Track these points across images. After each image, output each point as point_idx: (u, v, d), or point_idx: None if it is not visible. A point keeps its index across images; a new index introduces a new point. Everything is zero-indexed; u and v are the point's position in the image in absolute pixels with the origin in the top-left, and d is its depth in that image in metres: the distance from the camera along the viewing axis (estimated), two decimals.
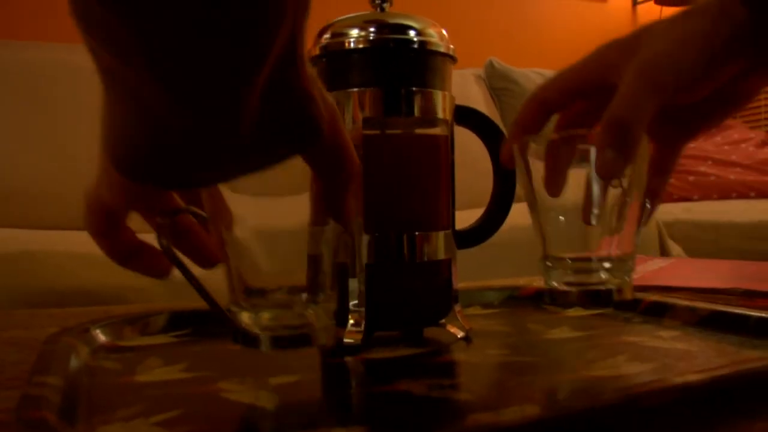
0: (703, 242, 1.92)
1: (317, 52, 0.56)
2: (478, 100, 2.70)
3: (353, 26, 0.55)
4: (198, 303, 0.46)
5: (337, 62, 0.55)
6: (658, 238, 1.78)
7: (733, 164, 2.46)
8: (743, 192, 2.36)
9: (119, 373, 0.47)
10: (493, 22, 3.18)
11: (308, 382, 0.46)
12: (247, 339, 0.41)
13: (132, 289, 1.18)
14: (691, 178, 2.41)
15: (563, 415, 0.32)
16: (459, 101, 0.58)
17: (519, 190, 0.55)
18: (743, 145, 2.56)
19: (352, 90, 0.54)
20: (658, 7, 3.51)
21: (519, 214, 0.58)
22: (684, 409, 0.37)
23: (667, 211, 2.03)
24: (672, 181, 1.86)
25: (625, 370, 0.45)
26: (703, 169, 2.44)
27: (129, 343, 0.57)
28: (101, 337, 0.56)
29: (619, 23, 3.59)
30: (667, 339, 0.54)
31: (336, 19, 0.56)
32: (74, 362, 0.48)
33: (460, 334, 0.56)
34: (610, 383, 0.42)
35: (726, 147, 2.56)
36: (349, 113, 0.54)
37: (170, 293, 1.19)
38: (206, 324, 0.62)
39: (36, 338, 0.62)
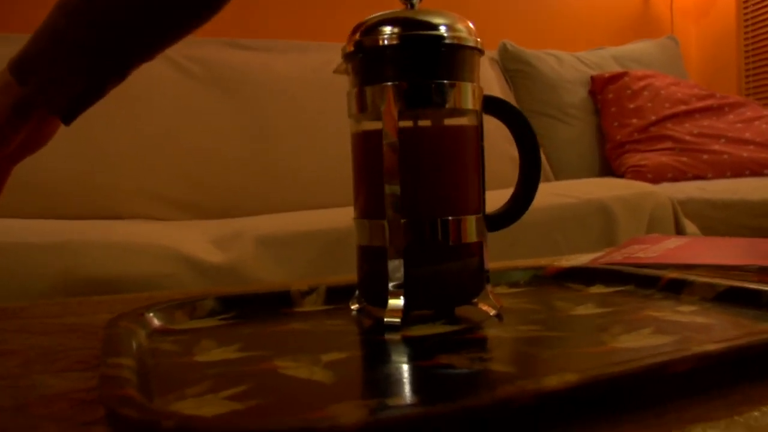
0: (717, 220, 1.95)
1: (352, 48, 0.59)
2: (492, 82, 2.72)
3: (386, 23, 0.58)
4: (231, 286, 0.49)
5: (372, 58, 0.59)
6: (673, 216, 1.80)
7: (747, 142, 2.48)
8: (756, 170, 2.38)
9: (179, 354, 0.51)
10: (506, 5, 3.19)
11: (357, 358, 0.50)
12: None
13: (163, 275, 1.22)
14: (705, 156, 2.43)
15: (599, 381, 0.36)
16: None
17: None
18: (756, 123, 2.58)
19: (386, 84, 0.57)
20: None
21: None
22: (704, 376, 0.40)
23: (681, 190, 2.06)
24: (685, 159, 1.89)
25: (649, 342, 0.48)
26: (716, 147, 2.46)
27: (181, 326, 0.60)
28: (155, 321, 0.60)
29: (631, 2, 3.60)
30: (686, 314, 0.58)
31: (369, 17, 0.60)
32: (137, 344, 0.51)
33: (492, 312, 0.60)
34: (636, 353, 0.45)
35: (739, 125, 2.58)
36: (385, 106, 0.57)
37: (201, 279, 1.24)
38: (249, 307, 0.66)
39: (90, 324, 0.66)
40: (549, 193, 1.72)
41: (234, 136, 2.12)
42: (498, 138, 2.33)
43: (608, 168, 2.67)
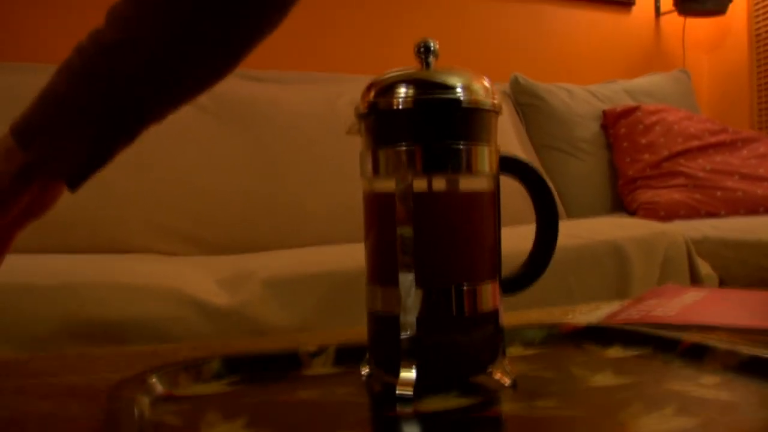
0: (731, 260, 1.92)
1: (365, 109, 0.58)
2: (504, 116, 2.71)
3: (400, 84, 0.56)
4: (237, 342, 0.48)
5: (386, 120, 0.57)
6: (687, 256, 1.78)
7: (761, 178, 2.46)
8: None
9: (183, 430, 0.49)
10: (517, 38, 3.19)
11: None
12: None
13: (168, 318, 1.20)
14: (718, 193, 2.41)
15: None
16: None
17: None
18: None
19: (400, 147, 0.56)
20: (681, 18, 3.51)
21: None
22: None
23: (695, 228, 2.03)
24: (698, 196, 1.87)
25: (672, 425, 0.46)
26: (730, 183, 2.44)
27: (185, 392, 0.59)
28: (158, 387, 0.58)
29: (643, 35, 3.60)
30: (710, 387, 0.55)
31: (383, 76, 0.58)
32: (139, 418, 0.49)
33: (507, 382, 0.58)
34: None
35: (753, 160, 2.56)
36: (399, 169, 0.55)
37: (206, 322, 1.22)
38: (257, 370, 0.64)
39: (92, 385, 0.64)
40: (561, 234, 1.69)
41: (242, 170, 2.10)
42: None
43: (620, 204, 2.65)
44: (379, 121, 0.57)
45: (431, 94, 0.56)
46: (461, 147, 0.56)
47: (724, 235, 1.98)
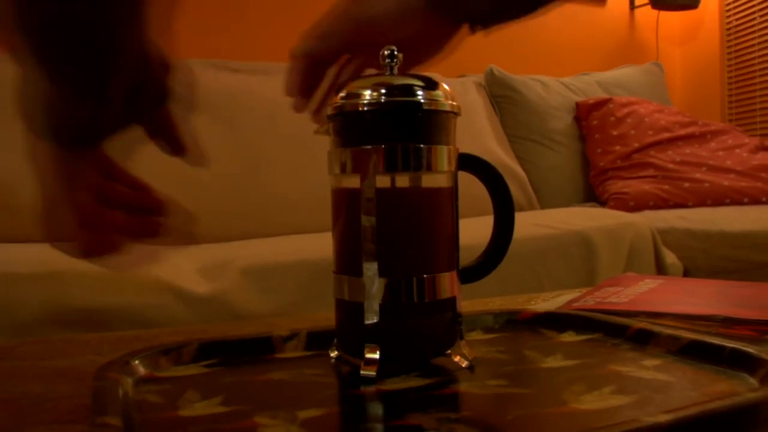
0: (697, 251, 1.98)
1: (333, 111, 0.62)
2: (479, 107, 2.76)
3: (366, 88, 0.61)
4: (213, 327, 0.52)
5: (352, 122, 0.61)
6: (653, 246, 1.84)
7: (728, 170, 2.52)
8: (737, 198, 2.42)
9: (163, 408, 0.54)
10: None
11: (332, 416, 0.52)
12: None
13: (149, 306, 1.24)
14: (686, 184, 2.47)
15: None
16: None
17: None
18: (737, 151, 2.62)
19: (365, 147, 0.60)
20: (655, 12, 3.57)
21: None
22: None
23: (662, 219, 2.09)
24: (667, 187, 1.92)
25: (609, 403, 0.51)
26: (698, 175, 2.50)
27: (165, 374, 0.63)
28: (141, 369, 0.62)
29: (617, 28, 3.65)
30: (650, 369, 0.60)
31: (351, 81, 0.63)
32: (123, 399, 0.54)
33: (464, 364, 0.62)
34: (591, 418, 0.48)
35: (721, 152, 2.62)
36: (363, 168, 0.60)
37: (187, 310, 1.26)
38: (233, 354, 0.68)
39: (78, 368, 0.69)
40: (531, 224, 1.75)
41: (222, 161, 2.14)
42: None
43: (592, 194, 2.70)
44: (346, 122, 0.62)
45: (393, 98, 0.60)
46: (421, 147, 0.60)
47: (690, 226, 2.04)
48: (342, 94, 0.62)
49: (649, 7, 3.52)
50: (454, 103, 0.63)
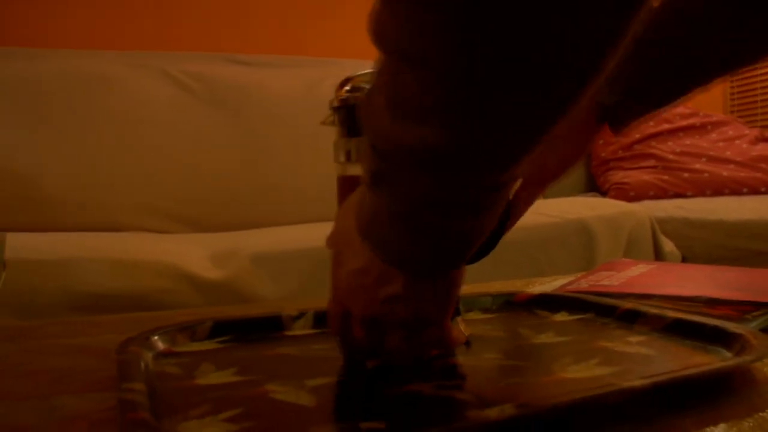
0: (695, 240, 2.02)
1: (338, 103, 0.66)
2: None
3: (369, 82, 0.65)
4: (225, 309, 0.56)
5: (356, 113, 0.65)
6: (651, 235, 1.88)
7: (727, 161, 2.56)
8: (736, 189, 2.46)
9: (181, 378, 0.58)
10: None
11: (338, 384, 0.57)
12: None
13: (162, 291, 1.29)
14: (686, 174, 2.51)
15: (533, 413, 0.43)
16: None
17: None
18: (737, 142, 2.66)
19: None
20: None
21: None
22: (633, 407, 0.47)
23: (661, 208, 2.13)
24: (667, 177, 1.95)
25: (593, 373, 0.56)
26: (698, 166, 2.54)
27: (182, 348, 0.68)
28: (159, 344, 0.67)
29: None
30: (634, 344, 0.65)
31: (356, 73, 0.67)
32: (145, 370, 0.58)
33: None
34: (578, 385, 0.53)
35: (721, 143, 2.66)
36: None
37: (198, 294, 1.30)
38: (245, 331, 0.73)
39: (100, 345, 0.73)
40: (531, 212, 1.77)
41: (230, 151, 2.18)
42: None
43: (594, 184, 2.74)
44: (351, 114, 0.66)
45: None
46: None
47: (688, 215, 2.08)
48: (347, 88, 0.66)
49: None
50: None
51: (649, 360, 0.60)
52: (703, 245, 2.01)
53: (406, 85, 0.42)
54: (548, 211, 1.81)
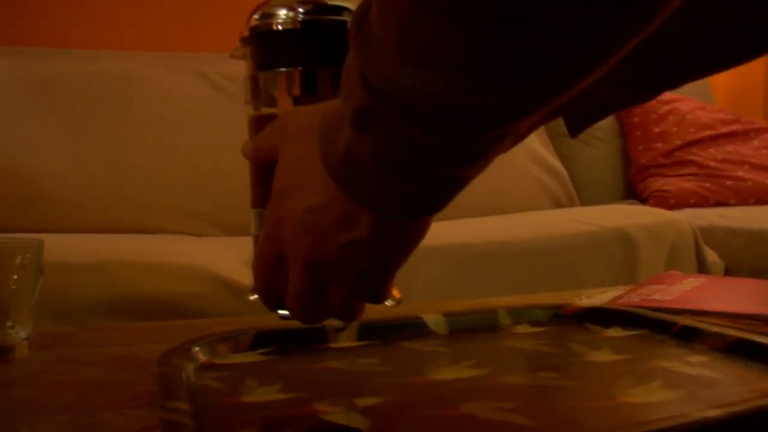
0: (737, 249, 1.98)
1: (247, 33, 0.59)
2: None
3: (282, 6, 0.57)
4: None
5: (267, 43, 0.58)
6: (694, 245, 1.84)
7: None
8: None
9: (225, 394, 0.56)
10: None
11: (389, 405, 0.54)
12: None
13: (198, 296, 1.27)
14: (728, 182, 2.46)
15: None
16: None
17: None
18: None
19: (280, 70, 0.57)
20: None
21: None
22: None
23: (703, 217, 2.09)
24: (708, 185, 1.90)
25: (657, 397, 0.53)
26: (740, 173, 2.49)
27: (224, 360, 0.65)
28: (200, 356, 0.64)
29: None
30: (696, 365, 0.62)
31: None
32: (187, 382, 0.56)
33: (390, 304, 0.60)
34: (644, 411, 0.50)
35: (764, 151, 2.61)
36: (278, 93, 0.58)
37: (230, 300, 1.29)
38: (288, 342, 0.71)
39: (137, 355, 0.71)
40: (571, 220, 1.76)
41: None
42: (522, 158, 2.37)
43: (633, 192, 2.69)
44: (260, 44, 0.59)
45: (313, 16, 0.56)
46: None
47: (731, 224, 2.03)
48: (255, 16, 0.59)
49: None
50: None
51: (714, 383, 0.57)
52: (746, 255, 1.96)
53: (425, 30, 0.38)
54: (587, 219, 1.78)
